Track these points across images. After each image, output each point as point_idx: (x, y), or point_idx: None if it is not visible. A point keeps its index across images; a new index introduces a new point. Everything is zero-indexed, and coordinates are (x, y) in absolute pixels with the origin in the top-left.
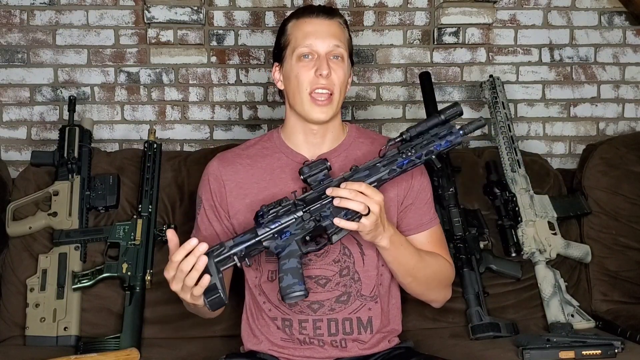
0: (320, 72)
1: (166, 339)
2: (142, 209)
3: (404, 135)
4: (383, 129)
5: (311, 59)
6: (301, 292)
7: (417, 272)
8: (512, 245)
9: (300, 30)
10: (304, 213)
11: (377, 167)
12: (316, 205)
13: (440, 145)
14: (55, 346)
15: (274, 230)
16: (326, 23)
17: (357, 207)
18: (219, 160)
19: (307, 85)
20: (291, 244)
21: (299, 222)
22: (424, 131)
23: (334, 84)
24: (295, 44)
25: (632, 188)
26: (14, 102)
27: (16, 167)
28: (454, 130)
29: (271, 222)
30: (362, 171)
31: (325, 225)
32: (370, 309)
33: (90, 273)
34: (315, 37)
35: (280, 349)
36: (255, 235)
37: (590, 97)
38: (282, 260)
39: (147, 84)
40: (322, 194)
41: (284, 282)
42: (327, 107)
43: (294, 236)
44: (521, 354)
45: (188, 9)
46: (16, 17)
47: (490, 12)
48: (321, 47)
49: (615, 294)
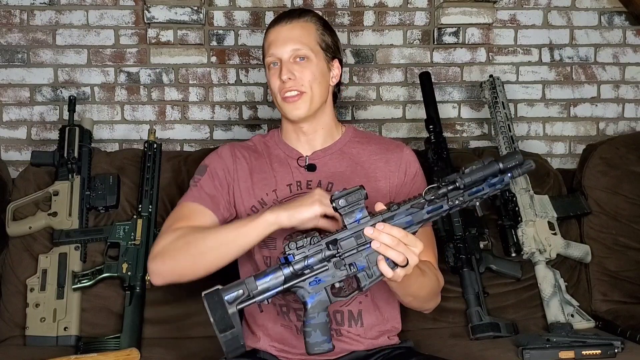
0: (280, 78)
1: (166, 339)
2: (142, 209)
3: (458, 183)
4: (383, 129)
5: (277, 67)
6: (328, 348)
7: (419, 293)
8: (512, 245)
9: (266, 41)
10: (338, 260)
11: (421, 214)
12: (352, 253)
13: (488, 192)
14: (55, 346)
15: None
16: (286, 28)
17: (397, 257)
18: (230, 145)
19: (277, 91)
20: (320, 292)
21: (331, 269)
22: (479, 180)
23: (302, 84)
24: (265, 54)
25: (632, 188)
26: (14, 102)
27: (16, 167)
28: (505, 178)
29: (300, 265)
30: (403, 214)
31: (359, 276)
32: (360, 302)
33: (90, 273)
34: (275, 45)
35: (281, 346)
36: (283, 281)
37: (590, 97)
38: (310, 313)
39: (147, 84)
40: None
41: (311, 338)
42: (299, 101)
43: (324, 284)
44: (521, 354)
45: (188, 9)
46: (16, 17)
47: (490, 12)
48: (282, 54)
49: (615, 294)
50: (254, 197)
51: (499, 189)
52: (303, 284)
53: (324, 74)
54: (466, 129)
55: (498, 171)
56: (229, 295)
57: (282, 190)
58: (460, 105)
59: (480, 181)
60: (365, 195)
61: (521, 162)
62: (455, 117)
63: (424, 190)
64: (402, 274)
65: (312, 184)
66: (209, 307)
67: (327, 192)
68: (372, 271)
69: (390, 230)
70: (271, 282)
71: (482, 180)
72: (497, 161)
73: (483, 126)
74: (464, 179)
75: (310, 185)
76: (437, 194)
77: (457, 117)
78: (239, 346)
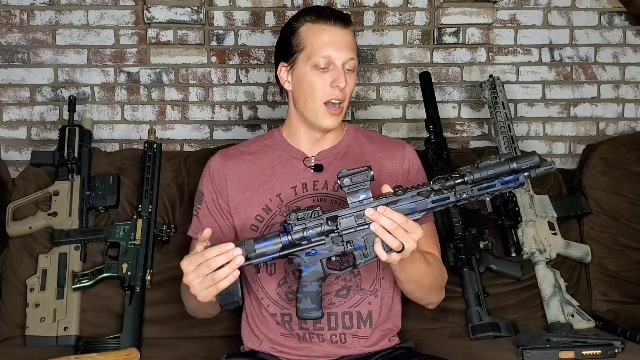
0: (337, 84)
1: (166, 339)
2: (142, 209)
3: (466, 178)
4: (383, 129)
5: (327, 70)
6: (317, 315)
7: (422, 281)
8: (512, 245)
9: (317, 38)
10: (336, 235)
11: (426, 202)
12: (350, 231)
13: (500, 190)
14: (55, 346)
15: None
16: (343, 33)
17: (392, 243)
18: (221, 155)
19: (322, 95)
20: (316, 263)
21: (328, 243)
22: (488, 178)
23: (347, 94)
24: (312, 52)
25: (632, 188)
26: (14, 102)
27: (16, 167)
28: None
29: (298, 235)
30: (408, 200)
31: (355, 254)
32: (370, 303)
33: (90, 273)
34: (334, 48)
35: (281, 347)
36: (280, 248)
37: (590, 97)
38: (303, 281)
39: (147, 84)
40: (358, 216)
41: (301, 304)
42: (339, 116)
43: (320, 256)
44: (521, 354)
45: (188, 9)
46: (16, 17)
47: (490, 12)
48: (339, 59)
49: (615, 294)
50: (257, 204)
51: (512, 187)
52: (300, 254)
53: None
54: (466, 129)
55: (510, 171)
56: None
57: (287, 193)
58: (460, 105)
59: (492, 178)
60: (372, 177)
61: (537, 165)
62: (455, 117)
63: (433, 179)
64: (397, 258)
65: (319, 184)
66: None
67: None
68: (368, 251)
69: (391, 214)
70: (269, 248)
71: (493, 177)
72: (511, 160)
73: (483, 126)
74: (474, 174)
75: (317, 186)
76: (444, 184)
77: (457, 117)
78: (233, 301)
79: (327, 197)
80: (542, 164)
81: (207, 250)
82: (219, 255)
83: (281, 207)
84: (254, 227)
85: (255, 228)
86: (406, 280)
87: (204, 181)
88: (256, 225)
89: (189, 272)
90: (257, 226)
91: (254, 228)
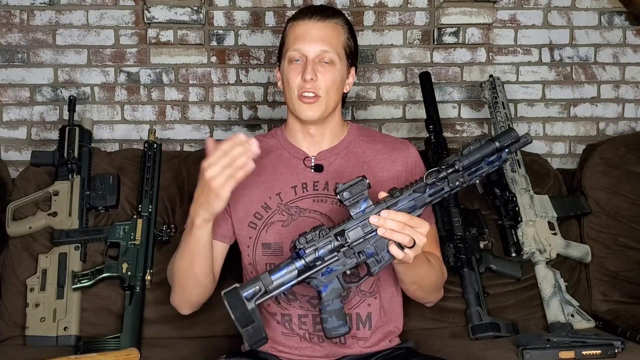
0: (304, 77)
1: (166, 339)
2: (142, 209)
3: (457, 166)
4: (383, 129)
5: (300, 63)
6: (345, 331)
7: (424, 281)
8: (512, 245)
9: (292, 33)
10: (347, 249)
11: (423, 197)
12: (359, 242)
13: (487, 170)
14: (55, 346)
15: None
16: (318, 26)
17: (403, 240)
18: None
19: (295, 88)
20: (333, 281)
21: (341, 258)
22: (477, 161)
23: (320, 88)
24: (287, 47)
25: (632, 188)
26: (14, 102)
27: (16, 167)
28: (503, 154)
29: (311, 257)
30: (406, 199)
31: (369, 262)
32: (369, 305)
33: (90, 273)
34: (304, 41)
35: (281, 347)
36: (296, 274)
37: (590, 97)
38: (325, 301)
39: (147, 84)
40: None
41: (328, 324)
42: (315, 104)
43: (336, 272)
44: (521, 354)
45: (188, 9)
46: (16, 17)
47: (490, 12)
48: (309, 52)
49: (615, 294)
50: (257, 202)
51: (497, 165)
52: (316, 275)
53: (342, 80)
54: (466, 129)
55: (495, 150)
56: (247, 292)
57: (286, 192)
58: (460, 105)
59: (479, 161)
60: (368, 185)
61: (517, 139)
62: (455, 117)
63: (425, 174)
64: (412, 255)
65: (319, 185)
66: (229, 305)
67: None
68: (381, 256)
69: (395, 216)
70: (285, 277)
71: (480, 160)
72: (493, 140)
73: (483, 126)
74: (463, 161)
75: (317, 186)
76: (437, 177)
77: (457, 117)
78: (261, 338)
79: (328, 198)
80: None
81: (223, 144)
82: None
83: (280, 205)
84: (252, 224)
85: (253, 225)
86: (410, 281)
87: None
88: (254, 223)
89: (209, 164)
90: (256, 224)
91: (252, 225)
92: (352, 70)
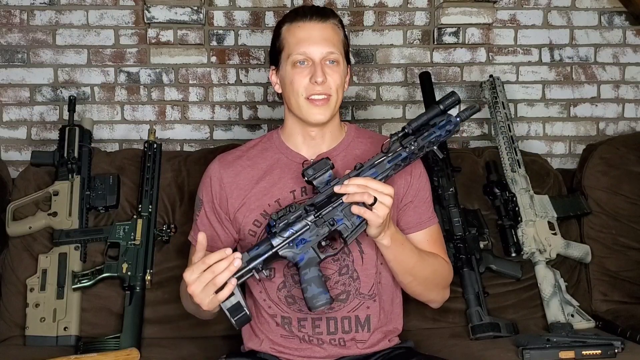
0: (315, 79)
1: (166, 339)
2: (142, 209)
3: (406, 129)
4: (383, 129)
5: (306, 66)
6: (326, 299)
7: (417, 272)
8: (512, 245)
9: (293, 36)
10: (317, 218)
11: (383, 164)
12: (327, 210)
13: (441, 135)
14: (55, 346)
15: (289, 239)
16: (319, 27)
17: (362, 198)
18: (220, 162)
19: (303, 91)
20: (308, 251)
21: (313, 228)
22: (424, 123)
23: (330, 88)
24: (290, 50)
25: (632, 188)
26: (14, 102)
27: (16, 167)
28: (452, 119)
29: (284, 231)
30: (368, 169)
31: (340, 228)
32: (368, 307)
33: (90, 273)
34: (309, 43)
35: (281, 348)
36: (270, 246)
37: (590, 97)
38: (302, 270)
39: (147, 84)
40: (331, 196)
41: (308, 293)
42: (325, 107)
43: (310, 243)
44: (521, 354)
45: (188, 9)
46: (16, 17)
47: (490, 12)
48: (315, 54)
49: (615, 294)
50: (256, 210)
51: (451, 129)
52: (291, 247)
53: (344, 79)
54: (466, 129)
55: (440, 111)
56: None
57: (285, 197)
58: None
59: (428, 125)
60: (332, 165)
61: (458, 100)
62: None
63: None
64: (379, 213)
65: None
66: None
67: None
68: (352, 222)
69: (355, 180)
70: (260, 249)
71: (428, 123)
72: (436, 103)
73: (483, 126)
74: (411, 124)
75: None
76: (391, 143)
77: None
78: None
79: None
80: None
81: (207, 257)
82: (220, 261)
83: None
84: (252, 232)
85: (253, 233)
86: (401, 271)
87: (203, 189)
88: (254, 231)
89: (192, 281)
90: (255, 232)
91: (251, 233)
92: (349, 68)
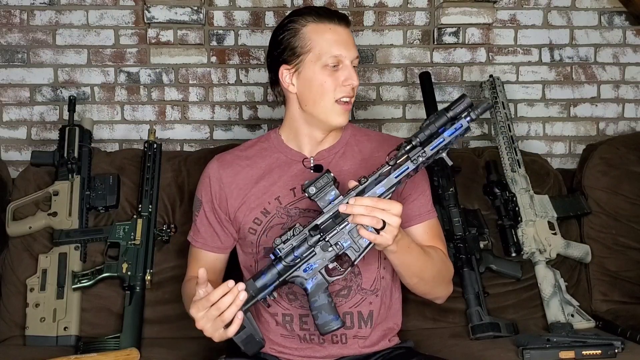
0: (351, 82)
1: (166, 339)
2: (142, 209)
3: (414, 141)
4: (383, 129)
5: (337, 68)
6: (338, 325)
7: (423, 273)
8: (512, 245)
9: (324, 38)
10: (323, 243)
11: (390, 179)
12: (333, 233)
13: (450, 141)
14: (55, 346)
15: (295, 267)
16: (347, 32)
17: (371, 222)
18: (219, 162)
19: (335, 94)
20: (316, 276)
21: (319, 253)
22: (433, 133)
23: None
24: (321, 52)
25: (632, 188)
26: (14, 102)
27: (16, 167)
28: (462, 122)
29: (290, 257)
30: (374, 184)
31: (347, 252)
32: (371, 303)
33: (90, 273)
34: (343, 46)
35: (281, 348)
36: (277, 275)
37: (590, 97)
38: (312, 297)
39: (147, 84)
40: (336, 217)
41: (319, 320)
42: (349, 110)
43: (317, 267)
44: (521, 354)
45: (188, 9)
46: (16, 17)
47: (490, 12)
48: (348, 57)
49: (615, 294)
50: (256, 209)
51: (460, 133)
52: (298, 273)
53: None
54: None
55: (449, 119)
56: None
57: (285, 195)
58: None
59: (437, 134)
60: (334, 179)
61: (470, 104)
62: None
63: (387, 158)
64: (388, 237)
65: None
66: None
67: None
68: (358, 245)
69: (361, 201)
70: (267, 278)
71: (437, 132)
72: (446, 110)
73: (483, 126)
74: (419, 135)
75: None
76: (398, 156)
77: None
78: (255, 343)
79: None
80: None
81: (211, 293)
82: (224, 296)
83: (280, 209)
84: (252, 230)
85: (253, 231)
86: (408, 274)
87: (202, 189)
88: (254, 229)
89: (199, 318)
90: (255, 229)
91: (251, 231)
92: None
